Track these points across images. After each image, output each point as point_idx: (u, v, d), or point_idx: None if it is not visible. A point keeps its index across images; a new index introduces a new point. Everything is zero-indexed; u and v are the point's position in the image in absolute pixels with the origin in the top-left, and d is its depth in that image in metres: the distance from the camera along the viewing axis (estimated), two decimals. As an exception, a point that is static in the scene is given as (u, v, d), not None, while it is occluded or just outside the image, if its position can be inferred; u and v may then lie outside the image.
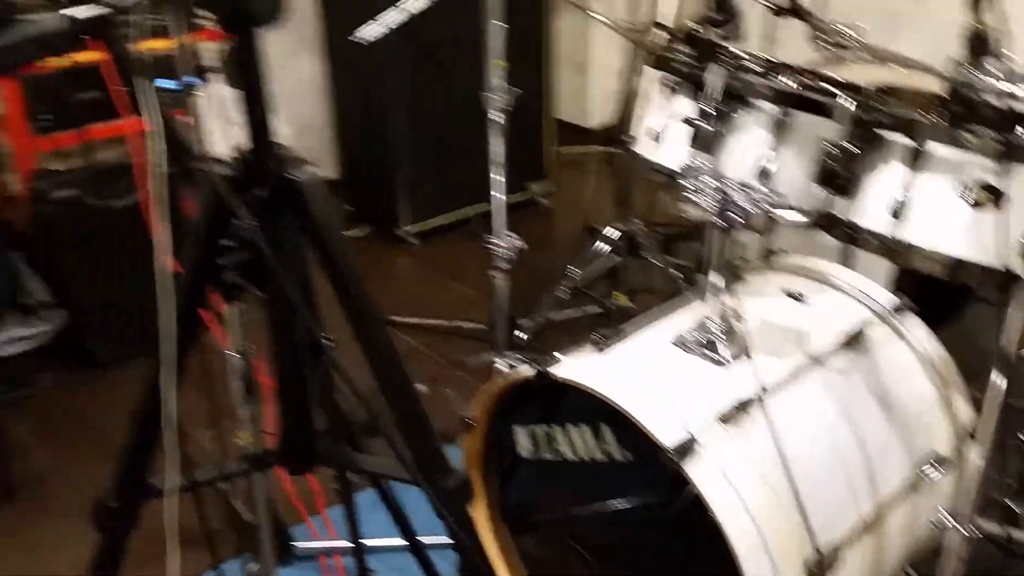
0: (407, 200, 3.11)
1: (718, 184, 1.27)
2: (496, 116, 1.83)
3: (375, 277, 3.06)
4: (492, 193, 1.87)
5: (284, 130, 1.03)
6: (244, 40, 0.88)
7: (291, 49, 3.18)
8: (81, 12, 1.20)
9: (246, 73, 0.90)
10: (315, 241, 0.96)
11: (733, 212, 1.26)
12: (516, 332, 2.23)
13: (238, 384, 1.17)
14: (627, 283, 2.55)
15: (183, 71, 1.25)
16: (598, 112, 3.86)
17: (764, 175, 1.39)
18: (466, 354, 2.31)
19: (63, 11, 1.21)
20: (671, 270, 2.37)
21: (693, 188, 1.29)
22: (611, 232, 2.46)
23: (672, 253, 2.60)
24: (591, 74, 3.83)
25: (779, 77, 1.38)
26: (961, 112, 1.12)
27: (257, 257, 0.91)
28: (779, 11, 1.34)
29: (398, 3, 1.84)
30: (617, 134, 2.31)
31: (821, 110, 1.32)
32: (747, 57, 1.40)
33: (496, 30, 2.13)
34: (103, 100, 1.34)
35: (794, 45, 1.42)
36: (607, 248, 2.51)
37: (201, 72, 1.33)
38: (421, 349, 2.42)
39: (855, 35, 1.25)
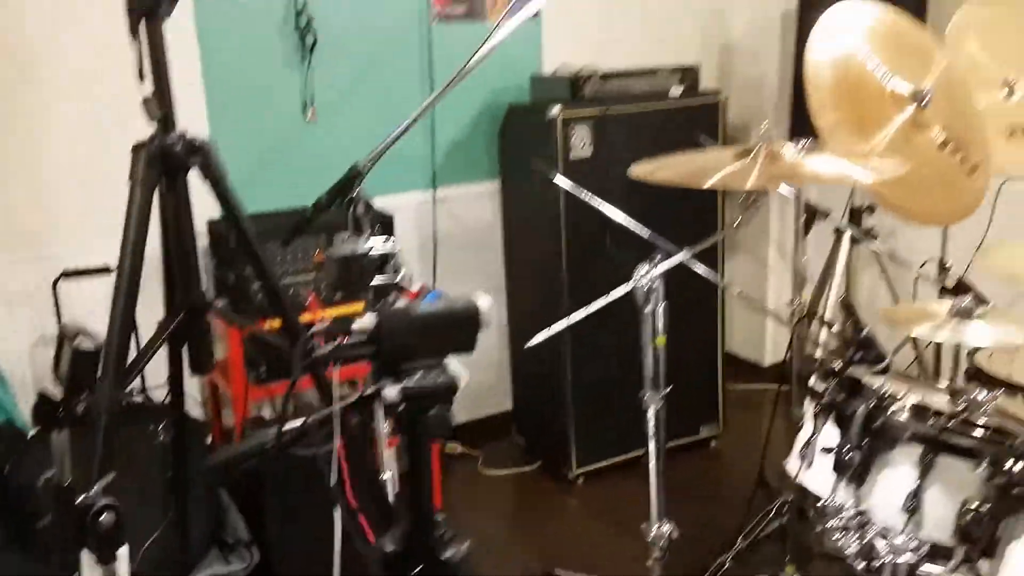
0: (575, 441, 3.23)
1: (859, 525, 1.30)
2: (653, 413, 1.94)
3: (538, 516, 3.17)
4: (650, 476, 1.95)
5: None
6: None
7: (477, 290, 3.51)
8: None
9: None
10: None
11: (872, 559, 1.27)
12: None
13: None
14: (796, 549, 2.48)
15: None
16: (772, 351, 3.89)
17: (910, 515, 1.39)
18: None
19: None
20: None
21: (837, 525, 1.32)
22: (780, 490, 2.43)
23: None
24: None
25: (924, 419, 1.40)
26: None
27: None
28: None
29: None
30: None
31: (968, 454, 1.32)
32: (890, 397, 1.44)
33: (662, 309, 2.29)
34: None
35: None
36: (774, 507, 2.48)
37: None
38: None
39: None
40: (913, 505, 1.38)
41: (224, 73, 2.90)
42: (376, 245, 1.12)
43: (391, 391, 0.99)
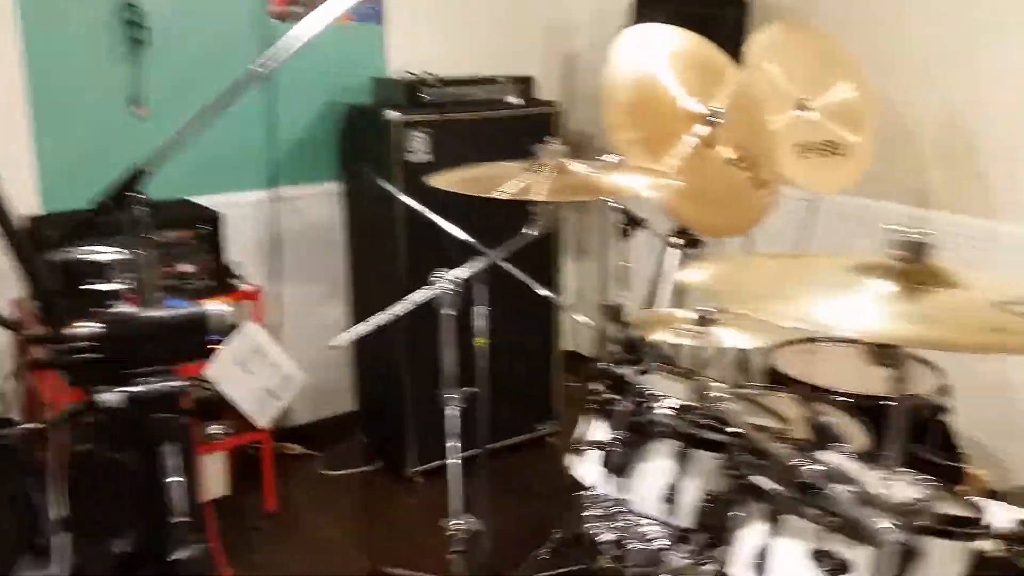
0: (413, 440, 3.28)
1: (615, 514, 1.40)
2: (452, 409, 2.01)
3: (374, 515, 3.21)
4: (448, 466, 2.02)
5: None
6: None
7: (322, 295, 3.51)
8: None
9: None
10: None
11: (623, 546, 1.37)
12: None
13: None
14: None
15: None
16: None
17: (668, 504, 1.50)
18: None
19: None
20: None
21: (599, 513, 1.42)
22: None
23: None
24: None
25: (681, 417, 1.52)
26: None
27: None
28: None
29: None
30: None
31: (717, 449, 1.44)
32: (652, 395, 1.55)
33: (483, 312, 2.38)
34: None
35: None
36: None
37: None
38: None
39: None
40: (671, 495, 1.49)
41: (49, 65, 2.80)
42: (103, 251, 1.12)
43: (113, 397, 1.01)
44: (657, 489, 1.52)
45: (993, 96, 2.89)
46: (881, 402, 2.26)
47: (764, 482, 1.27)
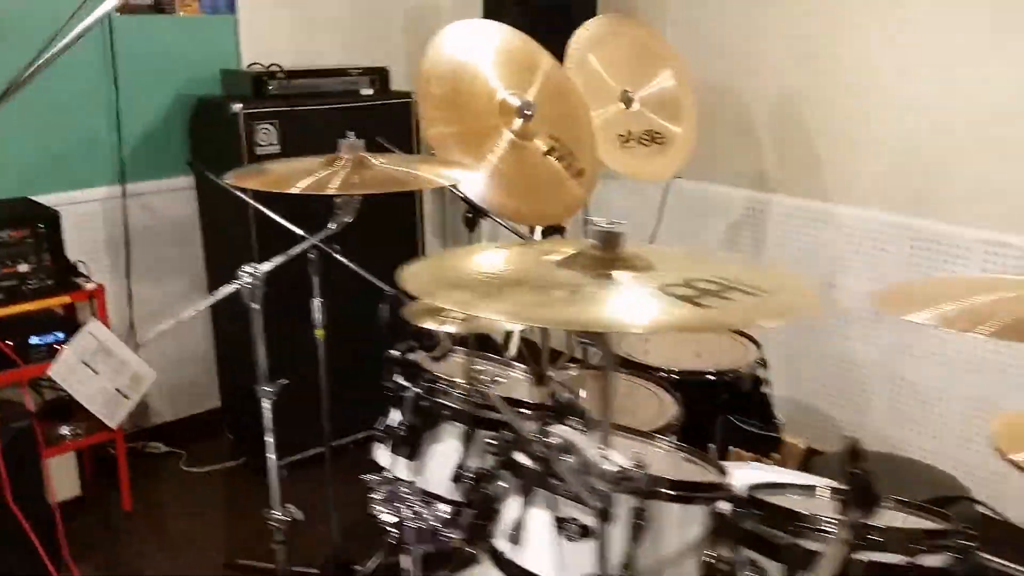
0: (276, 434, 3.27)
1: (406, 498, 1.45)
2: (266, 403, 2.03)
3: (235, 510, 3.21)
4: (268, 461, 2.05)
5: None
6: None
7: (180, 292, 3.47)
8: None
9: None
10: None
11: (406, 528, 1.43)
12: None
13: None
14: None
15: None
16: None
17: (456, 484, 1.56)
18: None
19: None
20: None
21: (383, 496, 1.47)
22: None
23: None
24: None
25: (464, 399, 1.58)
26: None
27: None
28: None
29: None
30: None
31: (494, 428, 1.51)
32: (439, 380, 1.61)
33: (317, 304, 2.41)
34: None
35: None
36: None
37: None
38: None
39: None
40: (459, 476, 1.55)
41: None
42: None
43: None
44: (445, 470, 1.58)
45: (826, 85, 3.06)
46: (706, 377, 2.41)
47: (521, 457, 1.34)
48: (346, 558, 2.59)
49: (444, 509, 1.47)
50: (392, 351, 1.58)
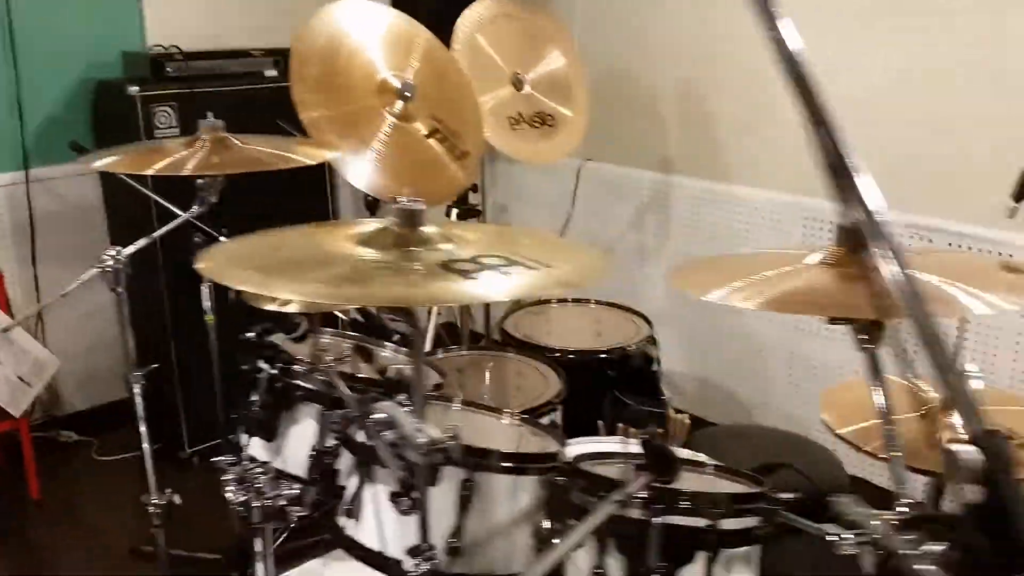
0: (186, 421, 3.27)
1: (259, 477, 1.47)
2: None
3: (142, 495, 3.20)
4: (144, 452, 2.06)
5: None
6: None
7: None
8: None
9: None
10: None
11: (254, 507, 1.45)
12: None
13: None
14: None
15: None
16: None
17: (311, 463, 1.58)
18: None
19: None
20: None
21: (234, 476, 1.49)
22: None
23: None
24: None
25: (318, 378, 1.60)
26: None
27: None
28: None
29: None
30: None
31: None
32: (293, 361, 1.62)
33: (206, 291, 2.41)
34: None
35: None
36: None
37: None
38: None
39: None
40: (314, 455, 1.57)
41: None
42: None
43: None
44: (302, 451, 1.60)
45: (725, 71, 3.11)
46: (598, 355, 2.46)
47: (357, 433, 1.37)
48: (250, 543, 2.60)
49: (293, 488, 1.49)
50: (247, 333, 1.59)
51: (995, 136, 2.47)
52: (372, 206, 3.00)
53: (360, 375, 1.57)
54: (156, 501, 2.01)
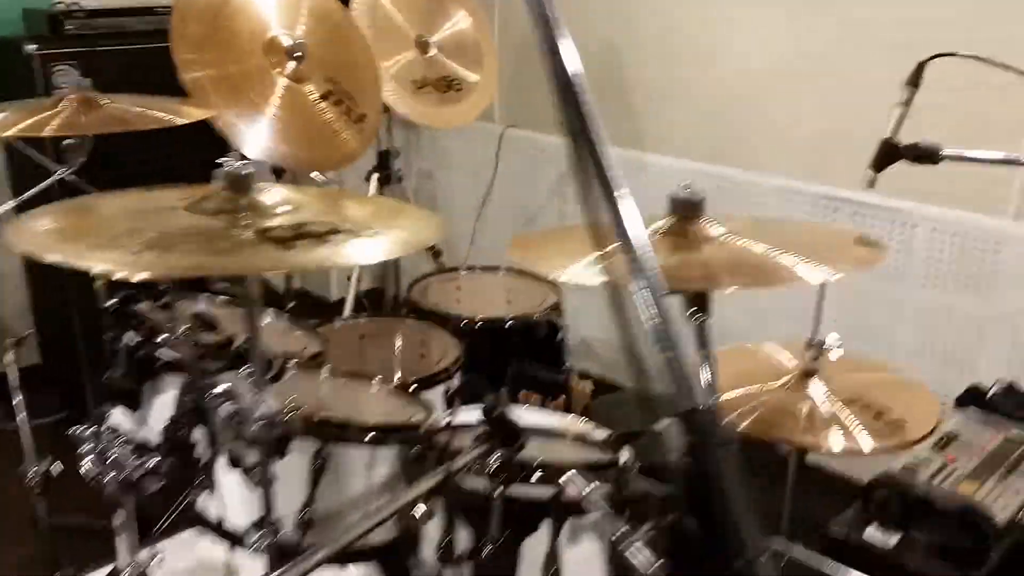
0: (93, 390, 3.20)
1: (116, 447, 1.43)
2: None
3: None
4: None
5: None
6: None
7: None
8: None
9: None
10: None
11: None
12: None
13: None
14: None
15: None
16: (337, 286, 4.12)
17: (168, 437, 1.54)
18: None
19: None
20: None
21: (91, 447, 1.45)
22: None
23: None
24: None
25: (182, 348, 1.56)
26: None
27: None
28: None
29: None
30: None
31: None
32: (155, 329, 1.58)
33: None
34: None
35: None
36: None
37: None
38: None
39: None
40: (169, 426, 1.53)
41: None
42: None
43: None
44: (162, 420, 1.56)
45: (640, 40, 3.09)
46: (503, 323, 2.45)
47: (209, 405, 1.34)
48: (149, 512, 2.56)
49: (151, 460, 1.45)
50: (108, 302, 1.54)
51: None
52: (279, 171, 2.94)
53: (226, 345, 1.53)
54: (36, 470, 1.96)
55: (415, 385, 1.91)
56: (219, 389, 1.19)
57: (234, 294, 1.83)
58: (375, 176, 3.31)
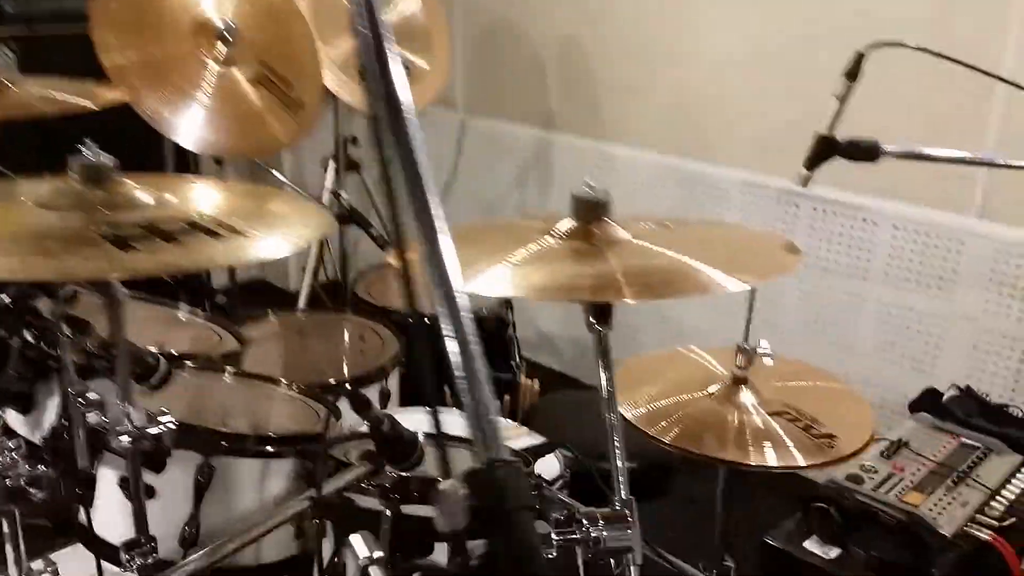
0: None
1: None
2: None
3: None
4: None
5: None
6: None
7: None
8: None
9: None
10: None
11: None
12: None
13: None
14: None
15: None
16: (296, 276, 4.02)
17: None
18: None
19: None
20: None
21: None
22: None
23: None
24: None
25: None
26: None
27: None
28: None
29: None
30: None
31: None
32: (48, 329, 1.49)
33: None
34: None
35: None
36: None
37: None
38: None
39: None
40: (51, 434, 1.44)
41: None
42: None
43: None
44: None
45: (607, 32, 2.99)
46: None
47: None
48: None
49: (37, 468, 1.37)
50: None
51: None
52: (219, 159, 2.83)
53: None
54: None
55: (347, 384, 1.83)
56: (88, 397, 1.09)
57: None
58: (331, 164, 3.21)
